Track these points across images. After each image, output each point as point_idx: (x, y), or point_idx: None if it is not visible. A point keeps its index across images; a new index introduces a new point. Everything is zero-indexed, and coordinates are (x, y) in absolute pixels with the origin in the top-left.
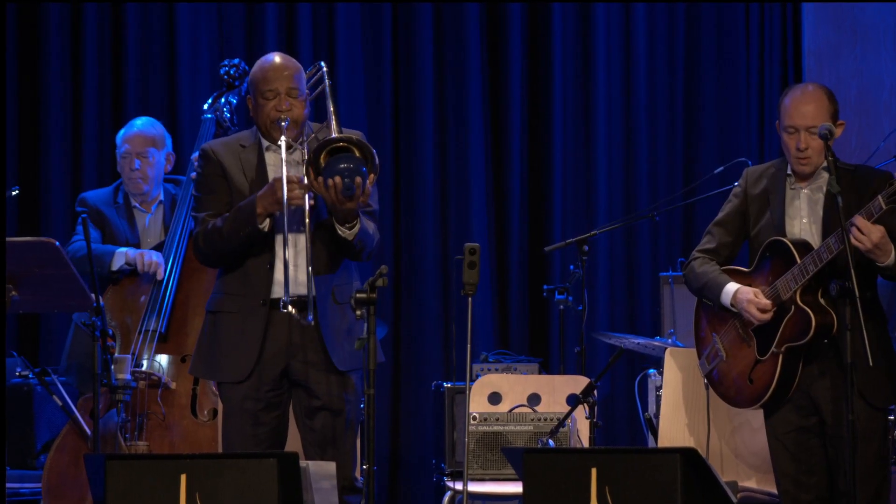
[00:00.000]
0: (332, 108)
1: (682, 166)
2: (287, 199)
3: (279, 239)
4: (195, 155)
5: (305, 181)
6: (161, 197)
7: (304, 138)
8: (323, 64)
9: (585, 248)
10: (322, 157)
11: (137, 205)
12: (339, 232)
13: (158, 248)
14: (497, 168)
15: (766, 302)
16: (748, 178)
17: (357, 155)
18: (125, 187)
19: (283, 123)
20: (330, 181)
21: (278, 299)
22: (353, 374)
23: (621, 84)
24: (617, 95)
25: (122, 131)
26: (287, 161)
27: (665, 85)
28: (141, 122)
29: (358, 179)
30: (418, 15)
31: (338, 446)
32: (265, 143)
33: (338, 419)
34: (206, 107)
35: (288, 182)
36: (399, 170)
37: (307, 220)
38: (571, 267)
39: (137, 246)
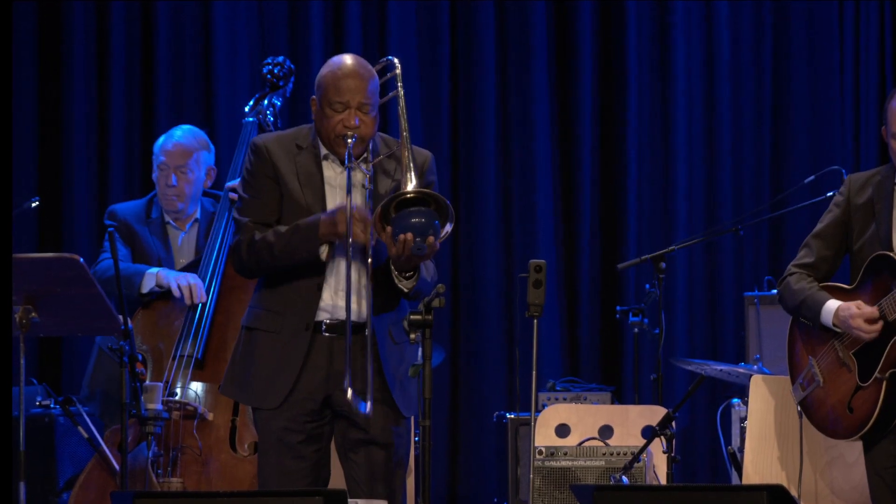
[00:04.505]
0: (404, 128)
1: (769, 175)
2: (350, 235)
3: (335, 267)
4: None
5: (370, 217)
6: (198, 214)
7: (370, 156)
8: (395, 60)
9: (663, 265)
10: (393, 205)
11: (172, 221)
12: (396, 281)
13: (191, 267)
14: (566, 177)
15: (871, 310)
16: (851, 185)
17: (431, 208)
18: (159, 201)
19: (349, 140)
20: (401, 237)
21: (321, 322)
22: None
23: (702, 84)
24: (698, 97)
25: (160, 140)
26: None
27: (751, 86)
28: (181, 133)
29: (430, 239)
30: (479, 14)
31: (385, 483)
32: (323, 150)
33: (385, 454)
34: (247, 109)
35: (353, 218)
36: (458, 180)
37: (370, 257)
38: (647, 286)
39: (170, 266)
